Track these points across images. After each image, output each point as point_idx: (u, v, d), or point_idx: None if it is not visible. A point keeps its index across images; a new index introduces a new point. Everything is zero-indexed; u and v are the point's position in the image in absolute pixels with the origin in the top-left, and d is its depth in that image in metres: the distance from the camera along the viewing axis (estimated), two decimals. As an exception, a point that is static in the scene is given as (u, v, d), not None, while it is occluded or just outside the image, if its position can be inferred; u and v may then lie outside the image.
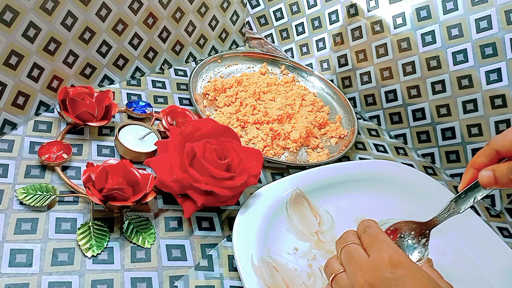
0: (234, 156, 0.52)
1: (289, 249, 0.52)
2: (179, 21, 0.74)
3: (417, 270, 0.38)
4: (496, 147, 0.42)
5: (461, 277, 0.54)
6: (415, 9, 0.70)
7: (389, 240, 0.42)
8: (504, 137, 0.42)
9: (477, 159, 0.44)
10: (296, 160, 0.67)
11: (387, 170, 0.65)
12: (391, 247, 0.41)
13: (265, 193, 0.55)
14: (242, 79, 0.76)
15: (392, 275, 0.38)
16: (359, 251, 0.42)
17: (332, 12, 0.79)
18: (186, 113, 0.64)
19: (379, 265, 0.39)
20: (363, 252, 0.41)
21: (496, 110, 0.66)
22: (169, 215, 0.53)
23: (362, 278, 0.39)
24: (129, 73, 0.71)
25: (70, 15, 0.58)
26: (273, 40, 0.88)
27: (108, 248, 0.48)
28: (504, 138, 0.42)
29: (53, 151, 0.53)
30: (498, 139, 0.43)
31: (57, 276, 0.44)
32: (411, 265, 0.39)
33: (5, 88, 0.54)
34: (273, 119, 0.69)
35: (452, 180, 0.73)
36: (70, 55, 0.61)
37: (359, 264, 0.40)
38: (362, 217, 0.58)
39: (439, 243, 0.58)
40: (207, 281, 0.48)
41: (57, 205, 0.50)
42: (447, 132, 0.72)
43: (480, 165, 0.43)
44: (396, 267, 0.38)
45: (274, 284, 0.47)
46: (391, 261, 0.39)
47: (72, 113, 0.56)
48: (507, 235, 0.66)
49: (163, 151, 0.53)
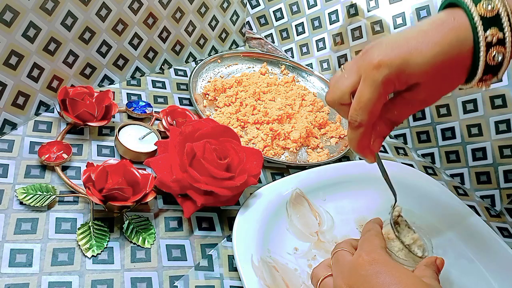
0: (234, 156, 0.52)
1: (289, 249, 0.52)
2: (179, 21, 0.74)
3: (394, 266, 0.39)
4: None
5: (461, 277, 0.54)
6: (415, 9, 0.70)
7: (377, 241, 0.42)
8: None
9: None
10: (296, 160, 0.67)
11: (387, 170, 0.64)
12: (372, 247, 0.41)
13: (265, 193, 0.55)
14: (242, 79, 0.76)
15: (366, 272, 0.38)
16: (345, 256, 0.42)
17: (332, 12, 0.79)
18: (186, 113, 0.64)
19: (356, 265, 0.39)
20: (349, 257, 0.42)
21: (496, 110, 0.66)
22: (169, 215, 0.53)
23: (342, 281, 0.40)
24: (129, 73, 0.71)
25: (70, 15, 0.58)
26: (273, 40, 0.88)
27: (108, 248, 0.48)
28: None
29: (53, 151, 0.53)
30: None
31: (57, 276, 0.44)
32: (388, 262, 0.39)
33: (5, 88, 0.54)
34: (273, 119, 0.69)
35: (452, 180, 0.73)
36: (70, 55, 0.61)
37: (341, 267, 0.41)
38: (362, 217, 0.58)
39: (439, 243, 0.58)
40: (207, 281, 0.48)
41: (57, 205, 0.50)
42: (447, 132, 0.72)
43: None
44: (371, 264, 0.39)
45: (274, 284, 0.47)
46: (367, 259, 0.39)
47: (72, 113, 0.56)
48: (507, 235, 0.66)
49: (163, 151, 0.53)
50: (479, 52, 0.38)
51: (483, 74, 0.39)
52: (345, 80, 0.42)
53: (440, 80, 0.40)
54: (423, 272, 0.41)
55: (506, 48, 0.38)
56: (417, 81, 0.39)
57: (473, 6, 0.37)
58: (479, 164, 0.70)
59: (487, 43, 0.37)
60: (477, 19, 0.37)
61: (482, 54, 0.38)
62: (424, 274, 0.41)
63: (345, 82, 0.42)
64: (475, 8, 0.37)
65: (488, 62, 0.38)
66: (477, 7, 0.37)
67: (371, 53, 0.39)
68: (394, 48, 0.39)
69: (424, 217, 0.60)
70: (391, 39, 0.40)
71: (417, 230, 0.50)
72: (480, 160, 0.70)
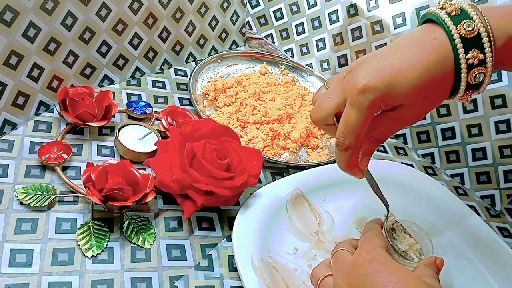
0: (234, 156, 0.52)
1: (289, 249, 0.52)
2: (179, 21, 0.74)
3: (393, 265, 0.39)
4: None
5: (461, 277, 0.54)
6: (415, 9, 0.70)
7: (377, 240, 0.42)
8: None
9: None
10: (296, 160, 0.67)
11: (387, 170, 0.64)
12: (371, 246, 0.41)
13: (265, 193, 0.55)
14: (242, 79, 0.76)
15: (366, 271, 0.38)
16: (345, 255, 0.42)
17: (332, 12, 0.79)
18: (186, 113, 0.64)
19: (356, 265, 0.40)
20: (349, 256, 0.42)
21: (496, 110, 0.66)
22: (169, 215, 0.53)
23: (342, 280, 0.40)
24: (129, 73, 0.71)
25: (70, 15, 0.58)
26: (273, 40, 0.88)
27: (108, 248, 0.48)
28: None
29: (53, 151, 0.53)
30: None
31: (57, 276, 0.44)
32: (388, 261, 0.39)
33: (5, 88, 0.54)
34: (273, 119, 0.69)
35: (452, 180, 0.73)
36: (70, 55, 0.61)
37: (341, 267, 0.41)
38: (362, 217, 0.58)
39: (439, 243, 0.58)
40: (207, 281, 0.48)
41: (57, 205, 0.50)
42: (447, 132, 0.72)
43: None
44: (371, 263, 0.39)
45: (274, 284, 0.47)
46: (367, 258, 0.39)
47: (72, 113, 0.56)
48: (507, 235, 0.66)
49: (163, 151, 0.53)
50: (461, 73, 0.38)
51: (464, 92, 0.40)
52: (329, 101, 0.42)
53: (424, 100, 0.40)
54: (423, 272, 0.41)
55: (487, 68, 0.38)
56: (402, 103, 0.40)
57: (453, 28, 0.38)
58: (479, 164, 0.70)
59: (468, 65, 0.38)
60: (457, 41, 0.38)
61: (463, 75, 0.38)
62: (424, 274, 0.41)
63: (329, 103, 0.42)
64: (455, 29, 0.38)
65: (470, 81, 0.39)
66: (458, 28, 0.38)
67: (355, 75, 0.40)
68: (378, 71, 0.39)
69: (424, 217, 0.60)
70: (375, 59, 0.40)
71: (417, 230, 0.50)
72: (480, 160, 0.70)
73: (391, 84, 0.38)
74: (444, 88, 0.40)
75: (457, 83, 0.39)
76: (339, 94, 0.41)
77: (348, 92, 0.40)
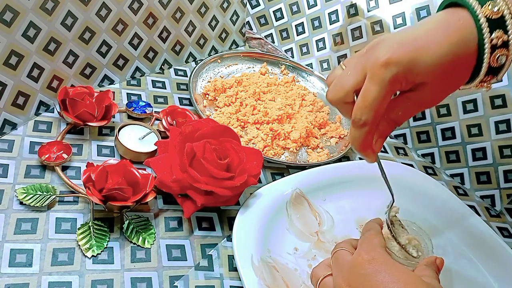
0: (234, 156, 0.52)
1: (289, 249, 0.52)
2: (179, 21, 0.74)
3: (393, 265, 0.39)
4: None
5: (461, 277, 0.54)
6: (415, 9, 0.70)
7: (377, 240, 0.42)
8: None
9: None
10: (296, 160, 0.67)
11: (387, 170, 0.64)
12: (371, 246, 0.41)
13: (265, 193, 0.55)
14: (242, 79, 0.76)
15: (365, 271, 0.38)
16: (345, 255, 0.42)
17: (332, 12, 0.79)
18: (186, 113, 0.64)
19: (356, 264, 0.40)
20: (349, 256, 0.42)
21: (496, 110, 0.66)
22: (169, 215, 0.53)
23: (341, 280, 0.40)
24: (129, 73, 0.71)
25: (70, 15, 0.58)
26: (273, 40, 0.88)
27: (108, 248, 0.48)
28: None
29: (53, 151, 0.53)
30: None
31: (57, 276, 0.44)
32: (387, 261, 0.39)
33: (5, 88, 0.54)
34: (273, 119, 0.69)
35: (452, 180, 0.73)
36: (70, 55, 0.61)
37: (341, 267, 0.41)
38: (362, 217, 0.58)
39: (439, 243, 0.58)
40: (207, 281, 0.48)
41: (57, 205, 0.50)
42: (447, 132, 0.72)
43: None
44: (371, 263, 0.39)
45: (274, 284, 0.47)
46: (367, 258, 0.39)
47: (72, 113, 0.56)
48: (507, 235, 0.66)
49: (163, 151, 0.53)
50: (484, 54, 0.38)
51: (484, 75, 0.39)
52: (349, 78, 0.41)
53: (446, 80, 0.40)
54: (423, 272, 0.41)
55: (510, 51, 0.38)
56: (423, 81, 0.39)
57: (479, 8, 0.37)
58: (479, 164, 0.70)
59: (492, 46, 0.37)
60: (482, 21, 0.37)
61: (486, 56, 0.38)
62: (424, 274, 0.41)
63: (349, 80, 0.41)
64: (481, 9, 0.37)
65: (491, 64, 0.38)
66: (483, 8, 0.37)
67: (377, 50, 0.39)
68: (402, 46, 0.38)
69: (424, 217, 0.60)
70: (397, 36, 0.39)
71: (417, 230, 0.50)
72: (480, 160, 0.70)
73: (414, 59, 0.38)
74: (466, 69, 0.39)
75: (478, 66, 0.39)
76: (359, 70, 0.40)
77: (369, 67, 0.39)
